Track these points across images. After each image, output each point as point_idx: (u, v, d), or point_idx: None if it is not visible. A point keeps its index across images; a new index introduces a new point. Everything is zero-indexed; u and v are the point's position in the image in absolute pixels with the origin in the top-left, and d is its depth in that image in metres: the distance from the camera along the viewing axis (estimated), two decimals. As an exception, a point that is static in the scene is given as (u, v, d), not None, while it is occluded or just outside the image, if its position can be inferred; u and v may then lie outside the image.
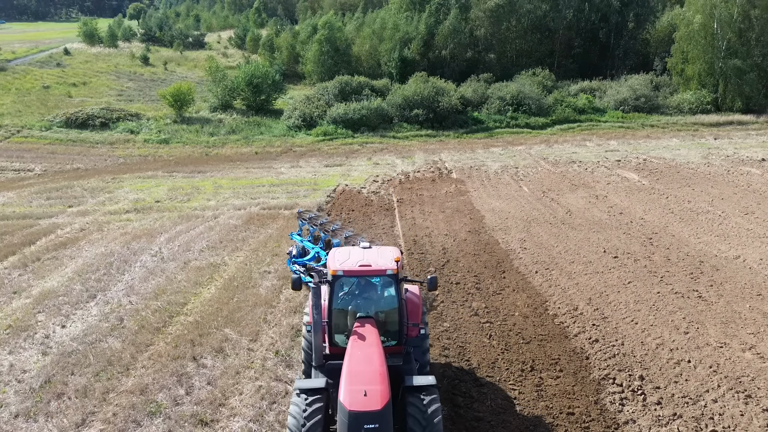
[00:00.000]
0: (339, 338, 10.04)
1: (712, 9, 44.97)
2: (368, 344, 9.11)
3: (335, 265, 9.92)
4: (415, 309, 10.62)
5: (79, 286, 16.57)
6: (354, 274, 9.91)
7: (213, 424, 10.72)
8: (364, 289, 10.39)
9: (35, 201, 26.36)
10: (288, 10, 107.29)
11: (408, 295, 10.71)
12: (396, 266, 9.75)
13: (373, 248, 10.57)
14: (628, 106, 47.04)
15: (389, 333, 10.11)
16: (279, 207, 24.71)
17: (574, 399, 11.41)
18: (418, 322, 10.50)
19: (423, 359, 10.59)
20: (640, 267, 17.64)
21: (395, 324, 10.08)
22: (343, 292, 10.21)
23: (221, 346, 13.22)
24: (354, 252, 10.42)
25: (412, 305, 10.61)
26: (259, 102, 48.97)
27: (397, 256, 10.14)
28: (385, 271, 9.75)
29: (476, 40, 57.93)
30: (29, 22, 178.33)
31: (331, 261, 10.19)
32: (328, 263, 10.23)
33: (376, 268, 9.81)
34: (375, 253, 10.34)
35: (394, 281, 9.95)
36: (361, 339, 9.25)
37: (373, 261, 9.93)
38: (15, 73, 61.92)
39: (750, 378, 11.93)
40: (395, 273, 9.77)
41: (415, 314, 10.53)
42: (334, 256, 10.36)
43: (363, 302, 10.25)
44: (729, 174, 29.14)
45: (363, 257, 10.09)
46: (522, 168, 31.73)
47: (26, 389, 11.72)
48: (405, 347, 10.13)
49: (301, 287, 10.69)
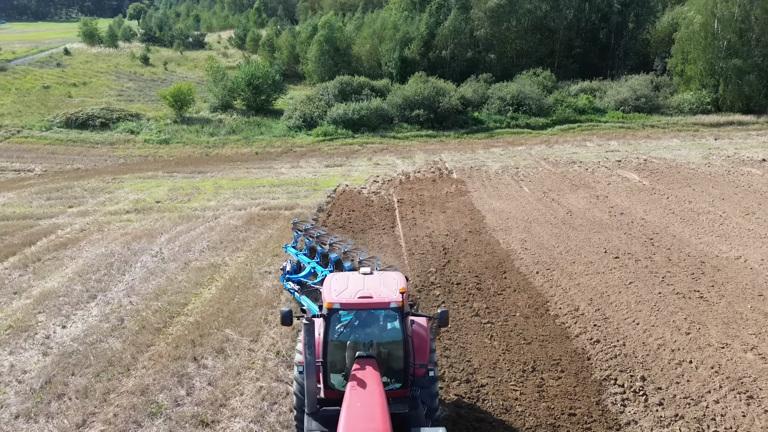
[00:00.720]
0: (336, 379, 9.04)
1: (713, 9, 44.94)
2: (369, 392, 8.12)
3: (331, 296, 8.84)
4: (423, 345, 9.48)
5: (80, 286, 16.55)
6: (353, 308, 8.86)
7: (214, 425, 10.70)
8: (365, 324, 9.24)
9: (35, 201, 26.34)
10: (288, 10, 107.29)
11: (414, 328, 9.63)
12: (401, 298, 8.72)
13: (375, 274, 9.56)
14: (628, 106, 47.02)
15: (393, 373, 9.09)
16: (279, 207, 24.70)
17: (576, 400, 11.39)
18: (426, 362, 9.29)
19: (432, 404, 9.36)
20: (641, 267, 17.62)
21: (400, 361, 9.02)
22: (341, 328, 9.08)
23: (222, 347, 13.20)
24: (353, 280, 9.36)
25: (419, 340, 9.49)
26: (260, 102, 48.97)
27: (402, 286, 9.04)
28: (389, 304, 8.72)
29: (476, 40, 57.90)
30: (29, 22, 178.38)
31: (327, 292, 9.08)
32: (324, 294, 9.15)
33: (378, 301, 8.78)
34: (377, 281, 9.29)
35: (399, 315, 8.89)
36: (360, 385, 8.25)
37: (374, 291, 8.90)
38: (15, 73, 61.96)
39: (752, 379, 11.91)
40: (400, 306, 8.72)
41: (422, 352, 9.39)
42: (330, 286, 9.22)
43: (363, 339, 9.11)
44: (729, 174, 29.13)
45: (363, 286, 9.05)
46: (522, 168, 31.72)
47: (27, 390, 11.70)
48: (411, 390, 9.07)
49: (291, 322, 9.32)
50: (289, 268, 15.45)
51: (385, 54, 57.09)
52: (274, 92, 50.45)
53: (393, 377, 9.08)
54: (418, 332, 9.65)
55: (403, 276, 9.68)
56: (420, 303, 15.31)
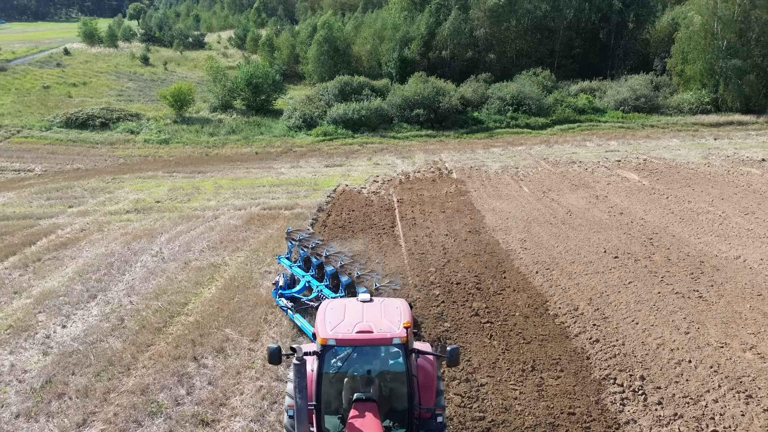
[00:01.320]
0: (331, 423, 8.13)
1: (713, 9, 44.97)
2: None
3: (326, 331, 7.93)
4: (429, 384, 8.51)
5: (80, 286, 16.58)
6: (350, 344, 7.96)
7: (214, 424, 10.72)
8: (364, 359, 8.31)
9: (35, 201, 26.36)
10: (288, 10, 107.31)
11: (420, 363, 8.64)
12: (405, 333, 7.82)
13: (375, 302, 8.69)
14: (628, 106, 47.06)
15: (396, 415, 8.20)
16: (279, 207, 24.72)
17: (575, 399, 11.42)
18: (432, 405, 8.34)
19: None
20: (641, 267, 17.65)
21: (403, 402, 8.11)
22: (336, 362, 8.20)
23: (222, 346, 13.22)
24: (350, 309, 8.43)
25: (424, 378, 8.50)
26: (259, 102, 48.99)
27: (407, 319, 8.13)
28: (391, 340, 7.82)
29: (476, 40, 57.93)
30: (29, 22, 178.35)
31: (320, 325, 8.11)
32: (317, 327, 8.19)
33: (379, 336, 7.86)
34: (378, 310, 8.38)
35: (403, 352, 8.02)
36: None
37: (375, 324, 8.01)
38: (15, 73, 61.94)
39: (751, 378, 11.94)
40: (404, 342, 7.84)
41: (428, 393, 8.42)
42: (324, 318, 8.27)
43: (361, 378, 8.20)
44: (729, 174, 29.15)
45: (362, 317, 8.18)
46: (522, 168, 31.74)
47: (27, 389, 11.72)
48: None
49: (280, 361, 8.14)
50: (282, 283, 14.68)
51: (385, 54, 57.12)
52: (274, 92, 50.49)
53: (396, 420, 8.21)
54: (424, 368, 8.69)
55: (407, 303, 8.88)
56: (419, 303, 15.33)
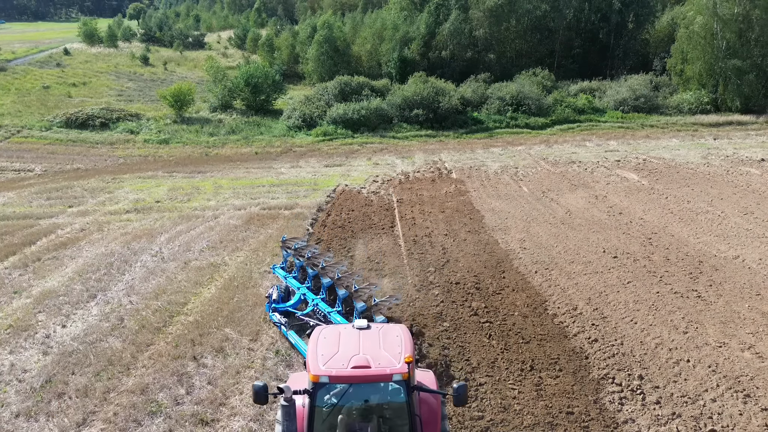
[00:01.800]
0: None
1: (713, 9, 44.99)
2: None
3: (317, 366, 7.16)
4: (433, 421, 7.81)
5: (80, 285, 16.60)
6: (345, 381, 7.22)
7: (213, 424, 10.75)
8: (360, 396, 7.55)
9: (35, 201, 26.38)
10: (288, 10, 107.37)
11: (423, 398, 7.88)
12: (406, 369, 7.09)
13: (373, 329, 7.93)
14: (627, 106, 47.08)
15: None
16: (279, 207, 24.75)
17: (574, 398, 11.44)
18: None
19: None
20: (640, 267, 17.67)
21: None
22: (330, 398, 7.47)
23: (221, 346, 13.25)
24: (345, 338, 7.67)
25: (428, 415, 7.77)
26: (259, 102, 49.01)
27: (409, 353, 7.37)
28: (391, 376, 7.09)
29: (476, 40, 57.96)
30: (29, 22, 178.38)
31: (312, 358, 7.36)
32: (308, 361, 7.41)
33: (377, 372, 7.11)
34: (376, 339, 7.66)
35: (404, 389, 7.29)
36: None
37: (373, 357, 7.27)
38: (15, 73, 61.97)
39: (749, 377, 11.97)
40: (405, 379, 7.12)
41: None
42: (315, 349, 7.49)
43: (358, 418, 7.51)
44: (728, 174, 29.18)
45: (358, 348, 7.43)
46: (522, 168, 31.76)
47: (27, 389, 11.75)
48: None
49: (266, 400, 7.44)
50: (276, 296, 14.02)
51: (385, 54, 57.14)
52: (274, 92, 50.50)
53: None
54: (427, 403, 7.93)
55: (408, 330, 8.14)
56: (419, 302, 15.36)
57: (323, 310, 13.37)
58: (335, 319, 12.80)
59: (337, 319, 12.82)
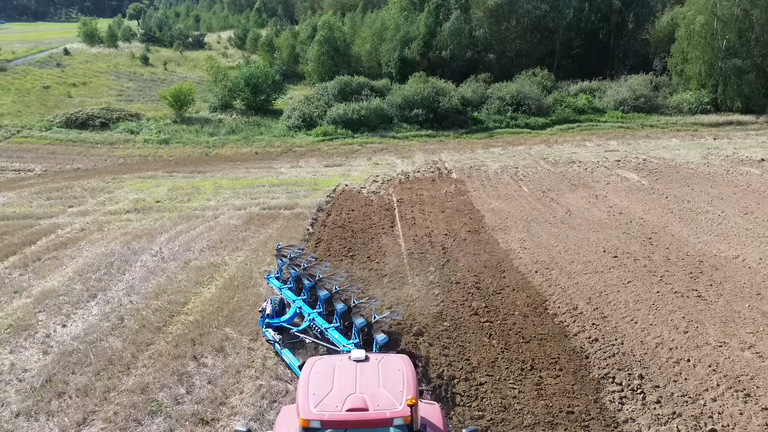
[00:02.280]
0: None
1: (713, 8, 44.99)
2: None
3: (308, 408, 6.44)
4: None
5: (80, 285, 16.60)
6: (339, 426, 6.42)
7: (214, 423, 10.75)
8: None
9: (35, 201, 26.37)
10: (288, 10, 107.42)
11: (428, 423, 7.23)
12: (408, 412, 6.37)
13: (372, 361, 7.16)
14: (627, 106, 47.07)
15: None
16: (279, 207, 24.74)
17: (574, 398, 11.45)
18: None
19: None
20: (640, 266, 17.67)
21: None
22: None
23: (222, 346, 13.25)
24: (340, 373, 6.93)
25: None
26: (259, 102, 49.00)
27: (412, 393, 6.62)
28: (391, 420, 6.38)
29: (476, 40, 57.97)
30: (29, 22, 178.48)
31: (303, 397, 6.66)
32: (298, 402, 6.70)
33: (376, 416, 6.39)
34: (374, 375, 6.93)
35: None
36: None
37: (371, 397, 6.54)
38: (15, 73, 62.02)
39: (749, 377, 11.97)
40: (408, 423, 6.39)
41: None
42: (307, 386, 6.80)
43: None
44: (728, 174, 29.18)
45: (354, 386, 6.71)
46: (522, 168, 31.76)
47: (27, 388, 11.75)
48: None
49: None
50: (270, 310, 13.28)
51: (385, 54, 57.13)
52: (274, 92, 50.50)
53: None
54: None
55: (410, 361, 7.39)
56: (418, 302, 15.35)
57: (320, 326, 12.77)
58: (332, 336, 12.36)
59: (335, 336, 12.36)
